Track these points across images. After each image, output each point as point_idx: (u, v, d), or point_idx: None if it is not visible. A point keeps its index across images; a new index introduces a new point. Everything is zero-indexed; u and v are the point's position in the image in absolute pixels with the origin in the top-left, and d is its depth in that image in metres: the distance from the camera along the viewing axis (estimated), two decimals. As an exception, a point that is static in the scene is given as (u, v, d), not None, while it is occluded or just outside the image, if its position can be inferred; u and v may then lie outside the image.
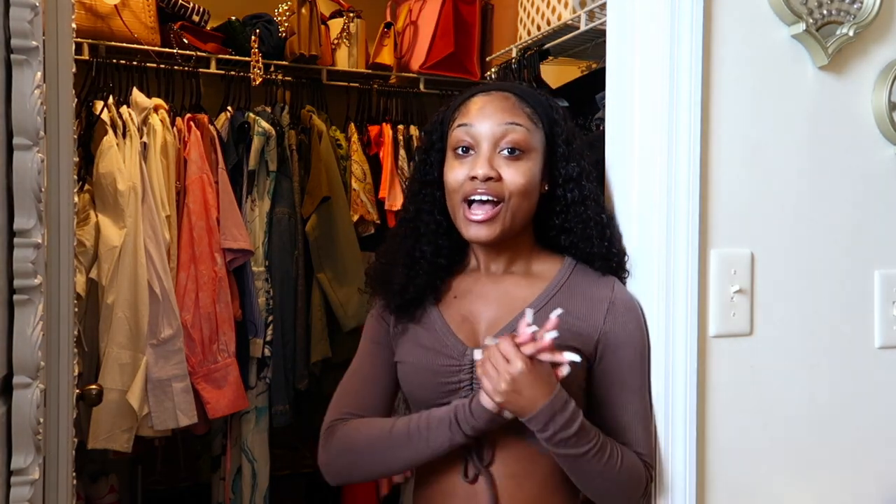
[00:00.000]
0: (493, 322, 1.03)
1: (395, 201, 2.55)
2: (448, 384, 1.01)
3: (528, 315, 0.90)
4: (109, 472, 2.38)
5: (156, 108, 2.22)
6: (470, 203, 1.00)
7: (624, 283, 1.07)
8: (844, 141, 1.10)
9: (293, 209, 2.43)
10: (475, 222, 0.99)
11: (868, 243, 1.12)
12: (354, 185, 2.54)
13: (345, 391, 1.10)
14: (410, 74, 2.74)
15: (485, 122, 1.00)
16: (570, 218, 1.04)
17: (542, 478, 1.00)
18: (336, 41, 2.64)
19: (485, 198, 0.98)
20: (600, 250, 1.04)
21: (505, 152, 0.99)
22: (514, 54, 2.09)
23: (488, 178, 0.98)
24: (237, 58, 2.46)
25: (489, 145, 0.99)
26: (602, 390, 1.03)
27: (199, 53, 2.38)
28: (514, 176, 0.99)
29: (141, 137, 2.15)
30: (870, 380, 1.12)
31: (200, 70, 2.41)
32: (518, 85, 1.13)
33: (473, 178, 0.98)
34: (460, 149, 1.01)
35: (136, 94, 2.20)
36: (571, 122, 1.08)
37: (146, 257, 2.10)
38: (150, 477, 2.59)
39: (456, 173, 1.01)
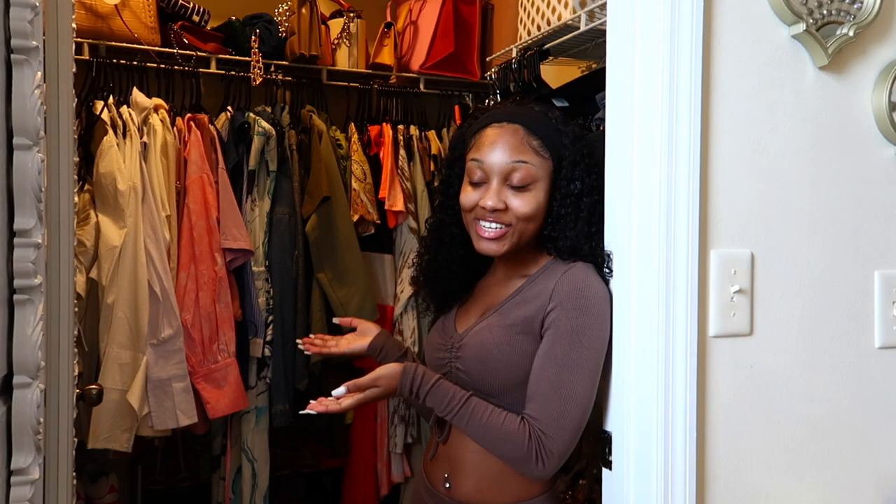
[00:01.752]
0: (478, 315, 1.24)
1: (395, 201, 2.55)
2: (437, 359, 1.25)
3: (340, 390, 1.13)
4: (109, 472, 2.38)
5: (156, 108, 2.22)
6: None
7: (605, 282, 1.12)
8: (844, 141, 1.10)
9: (293, 209, 2.43)
10: (486, 238, 1.16)
11: (868, 243, 1.12)
12: (354, 185, 2.53)
13: None
14: (410, 74, 2.74)
15: (495, 159, 1.15)
16: (558, 228, 1.16)
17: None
18: (336, 41, 2.64)
19: (493, 225, 1.14)
20: (577, 251, 1.14)
21: (512, 184, 1.14)
22: (514, 54, 2.09)
23: (495, 210, 1.14)
24: (237, 58, 2.45)
25: (498, 179, 1.15)
26: (535, 360, 1.13)
27: (199, 53, 2.38)
28: (521, 206, 1.14)
29: (141, 137, 2.15)
30: (870, 380, 1.12)
31: (200, 70, 2.40)
32: (530, 112, 1.19)
33: (483, 207, 1.14)
34: (474, 178, 1.17)
35: (136, 94, 2.20)
36: (581, 141, 1.19)
37: (146, 257, 2.10)
38: (150, 477, 2.59)
39: (469, 197, 1.18)
